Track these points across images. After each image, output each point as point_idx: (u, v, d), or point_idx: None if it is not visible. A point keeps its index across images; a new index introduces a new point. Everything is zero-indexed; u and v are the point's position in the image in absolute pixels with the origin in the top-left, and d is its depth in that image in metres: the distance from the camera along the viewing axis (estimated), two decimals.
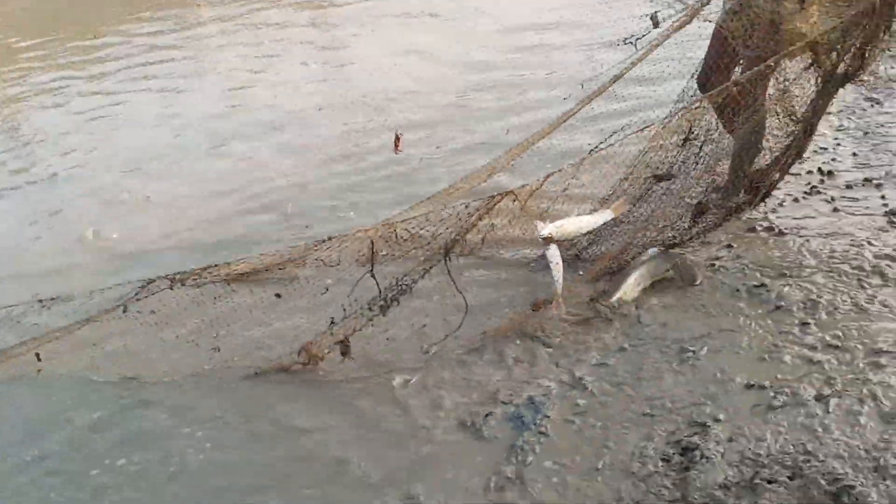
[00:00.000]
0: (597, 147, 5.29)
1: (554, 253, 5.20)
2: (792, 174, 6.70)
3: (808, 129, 5.48)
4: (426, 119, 9.53)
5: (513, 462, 4.35)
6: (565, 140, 6.88)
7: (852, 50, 4.99)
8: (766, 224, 6.01)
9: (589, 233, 5.54)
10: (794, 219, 6.06)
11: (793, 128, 5.52)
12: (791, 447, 4.03)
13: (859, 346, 4.60)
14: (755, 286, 5.33)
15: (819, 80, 5.20)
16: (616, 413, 4.53)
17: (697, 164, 5.43)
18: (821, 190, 6.38)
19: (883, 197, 6.14)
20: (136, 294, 4.80)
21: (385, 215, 5.60)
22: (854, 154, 6.91)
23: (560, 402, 4.69)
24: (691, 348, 4.88)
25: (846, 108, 7.44)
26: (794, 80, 5.18)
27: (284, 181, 8.28)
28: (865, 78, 5.49)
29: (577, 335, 5.25)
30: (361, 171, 8.32)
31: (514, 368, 5.06)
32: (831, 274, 5.30)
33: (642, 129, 5.03)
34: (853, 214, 6.01)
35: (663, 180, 5.55)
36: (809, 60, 5.11)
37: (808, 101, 5.41)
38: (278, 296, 5.61)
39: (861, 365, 4.46)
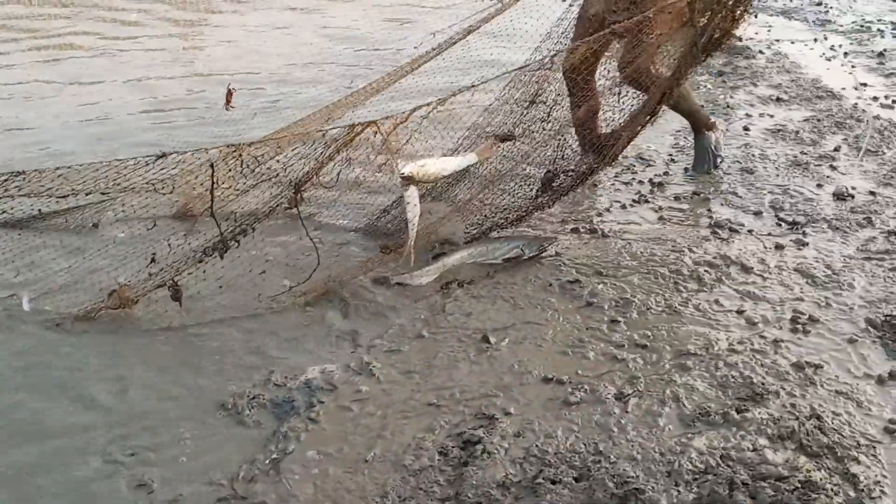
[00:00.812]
0: (473, 85, 4.77)
1: (412, 195, 4.65)
2: (623, 183, 6.44)
3: (665, 92, 5.16)
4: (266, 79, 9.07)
5: (271, 450, 3.65)
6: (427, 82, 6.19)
7: (724, 11, 4.72)
8: (589, 226, 5.63)
9: (449, 176, 5.08)
10: (619, 223, 5.74)
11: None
12: (582, 446, 3.54)
13: (667, 347, 4.21)
14: (569, 282, 4.90)
15: (687, 42, 4.87)
16: (399, 402, 3.95)
17: (544, 128, 5.05)
18: (649, 199, 6.10)
19: (709, 210, 5.88)
20: None
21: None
22: (686, 170, 6.67)
23: (341, 388, 4.08)
24: (491, 339, 4.35)
25: (684, 129, 7.24)
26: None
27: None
28: (731, 42, 5.23)
29: (377, 318, 4.71)
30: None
31: (302, 345, 4.48)
32: (648, 276, 4.95)
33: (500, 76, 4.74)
34: (679, 224, 5.71)
35: (505, 140, 5.14)
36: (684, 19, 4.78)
37: (670, 65, 5.12)
38: (95, 226, 4.72)
39: (667, 366, 4.06)
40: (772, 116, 7.74)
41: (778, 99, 8.42)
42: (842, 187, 6.11)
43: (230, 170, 4.28)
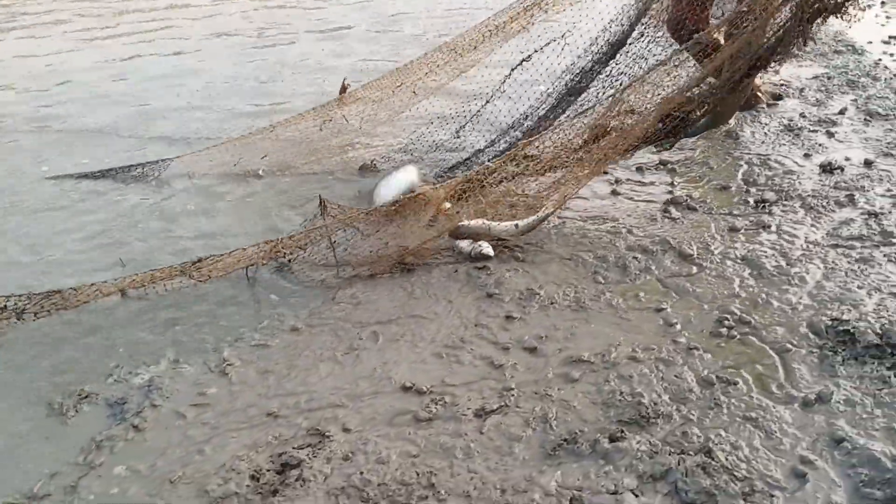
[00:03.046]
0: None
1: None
2: None
3: (760, 61, 4.52)
4: None
5: (79, 462, 3.14)
6: None
7: None
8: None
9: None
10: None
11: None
12: (414, 476, 2.93)
13: (558, 352, 3.52)
14: (477, 268, 4.20)
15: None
16: (240, 409, 3.40)
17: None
18: (607, 170, 5.28)
19: (672, 183, 5.10)
20: None
21: None
22: None
23: (185, 389, 3.53)
24: (363, 336, 3.73)
25: None
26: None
27: None
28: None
29: (260, 306, 4.20)
30: None
31: (169, 334, 3.99)
32: (569, 262, 4.25)
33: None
34: (631, 199, 4.95)
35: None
36: None
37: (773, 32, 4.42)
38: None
39: (550, 375, 3.39)
40: (776, 73, 6.75)
41: None
42: (832, 158, 5.19)
43: None
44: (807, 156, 5.36)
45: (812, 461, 2.86)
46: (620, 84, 4.75)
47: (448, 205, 4.40)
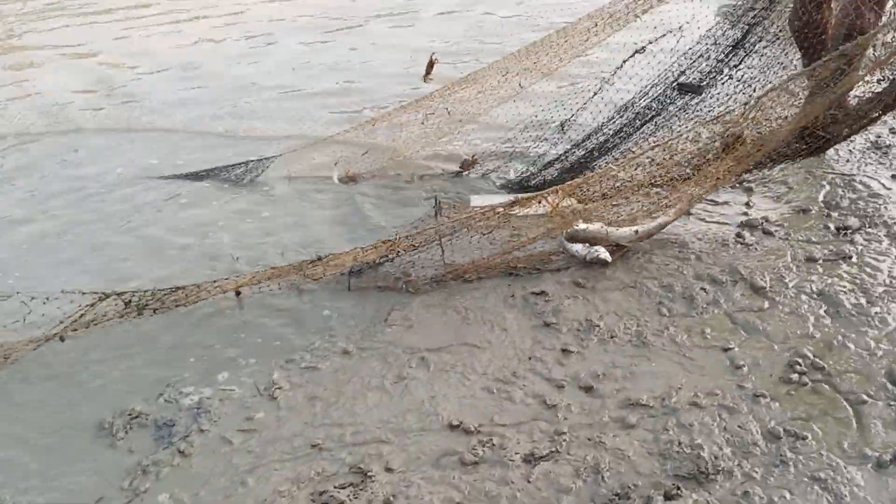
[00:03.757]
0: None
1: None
2: None
3: None
4: None
5: (124, 488, 3.13)
6: None
7: None
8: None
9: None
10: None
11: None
12: None
13: (615, 393, 3.34)
14: (534, 293, 4.05)
15: None
16: (286, 437, 3.34)
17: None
18: None
19: (748, 204, 4.82)
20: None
21: None
22: None
23: (233, 413, 3.48)
24: (413, 364, 3.62)
25: None
26: None
27: None
28: None
29: (313, 324, 4.13)
30: None
31: (221, 353, 3.95)
32: (632, 291, 4.02)
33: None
34: (703, 220, 4.72)
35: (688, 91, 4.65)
36: None
37: None
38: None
39: (605, 419, 3.21)
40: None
41: None
42: None
43: None
44: (895, 177, 4.99)
45: None
46: (755, 90, 4.45)
47: (571, 201, 4.24)
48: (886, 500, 2.78)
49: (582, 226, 4.22)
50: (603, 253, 4.15)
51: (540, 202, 3.96)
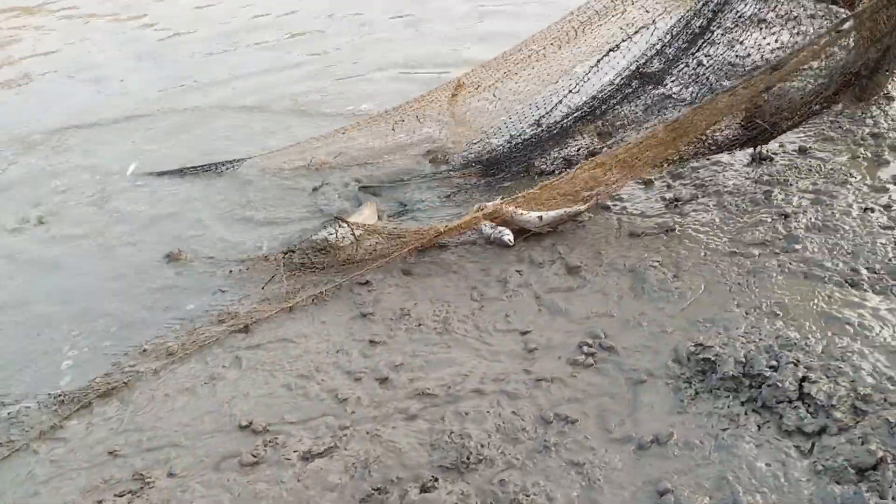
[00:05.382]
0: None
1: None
2: None
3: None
4: None
5: None
6: None
7: None
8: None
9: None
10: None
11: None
12: None
13: (408, 382, 3.40)
14: (360, 283, 4.04)
15: None
16: (88, 446, 3.37)
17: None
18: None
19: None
20: None
21: None
22: None
23: (47, 420, 3.47)
24: (227, 363, 3.67)
25: None
26: None
27: None
28: None
29: (152, 321, 4.15)
30: None
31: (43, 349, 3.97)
32: (453, 276, 4.04)
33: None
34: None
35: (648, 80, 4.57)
36: None
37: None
38: None
39: (391, 410, 3.26)
40: None
41: None
42: None
43: None
44: None
45: None
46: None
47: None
48: (639, 482, 2.79)
49: (510, 209, 4.20)
50: (507, 235, 4.14)
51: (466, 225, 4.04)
